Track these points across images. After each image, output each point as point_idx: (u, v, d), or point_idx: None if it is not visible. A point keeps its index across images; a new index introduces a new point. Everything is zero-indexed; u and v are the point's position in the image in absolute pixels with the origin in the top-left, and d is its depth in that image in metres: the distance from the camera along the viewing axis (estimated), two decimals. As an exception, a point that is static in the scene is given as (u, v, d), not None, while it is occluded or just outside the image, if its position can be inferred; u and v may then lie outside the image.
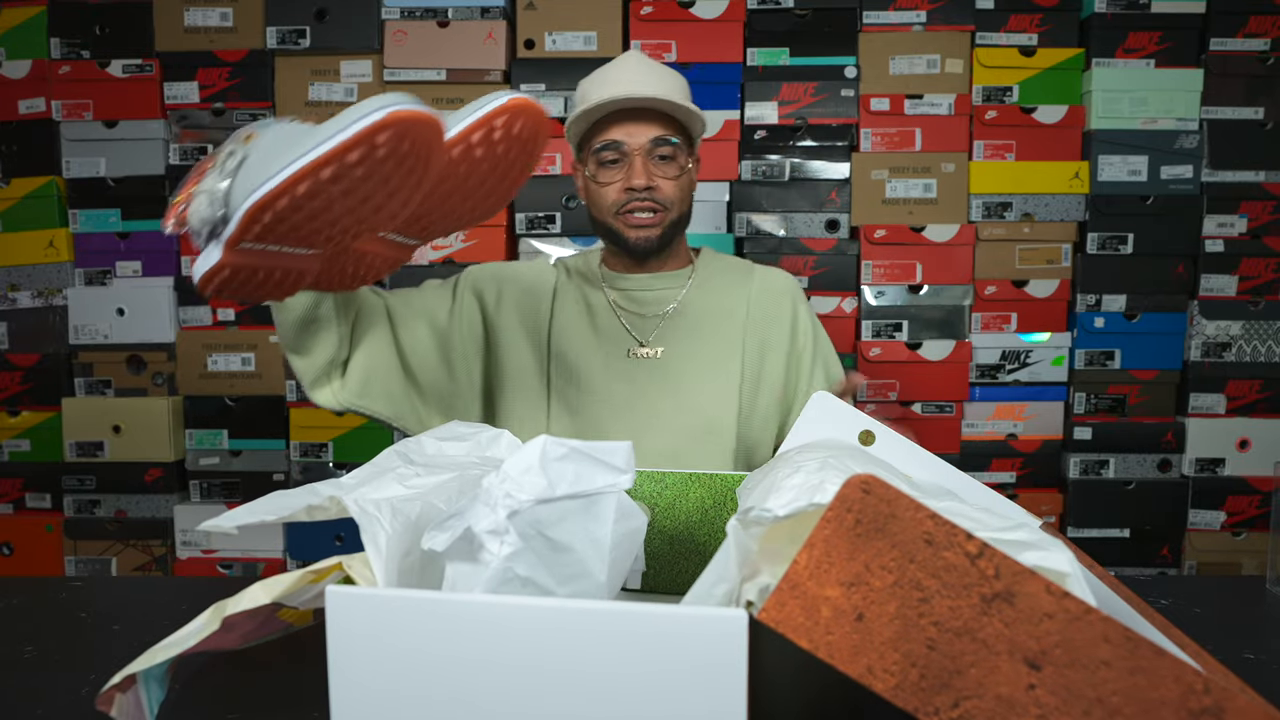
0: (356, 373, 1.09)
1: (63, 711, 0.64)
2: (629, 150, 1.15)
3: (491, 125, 0.73)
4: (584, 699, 0.50)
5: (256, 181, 0.68)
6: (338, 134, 0.64)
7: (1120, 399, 2.03)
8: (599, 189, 1.18)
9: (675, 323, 1.23)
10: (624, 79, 1.15)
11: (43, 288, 2.07)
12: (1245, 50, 1.98)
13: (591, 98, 1.16)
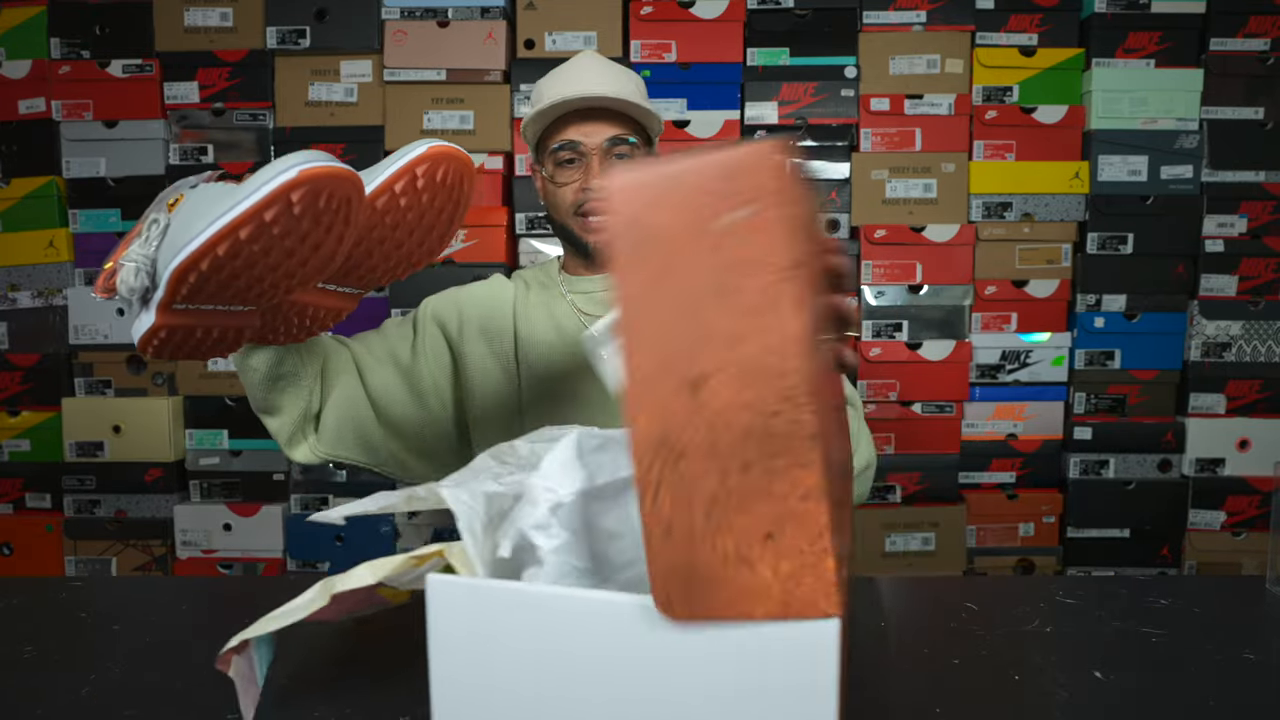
0: (330, 425, 1.08)
1: (63, 711, 0.64)
2: (586, 150, 1.13)
3: (413, 174, 0.74)
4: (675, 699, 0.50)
5: (179, 245, 0.70)
6: (252, 194, 0.66)
7: (1120, 399, 2.03)
8: (556, 189, 1.17)
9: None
10: (580, 78, 1.14)
11: (43, 288, 2.07)
12: (1245, 50, 1.98)
13: (546, 97, 1.14)
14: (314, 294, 0.82)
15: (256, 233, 0.67)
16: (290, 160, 0.67)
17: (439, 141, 0.74)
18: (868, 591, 0.91)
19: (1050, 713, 0.64)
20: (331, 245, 0.74)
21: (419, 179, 0.74)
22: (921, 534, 2.04)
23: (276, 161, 0.68)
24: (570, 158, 1.14)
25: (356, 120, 2.02)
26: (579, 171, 1.14)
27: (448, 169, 0.75)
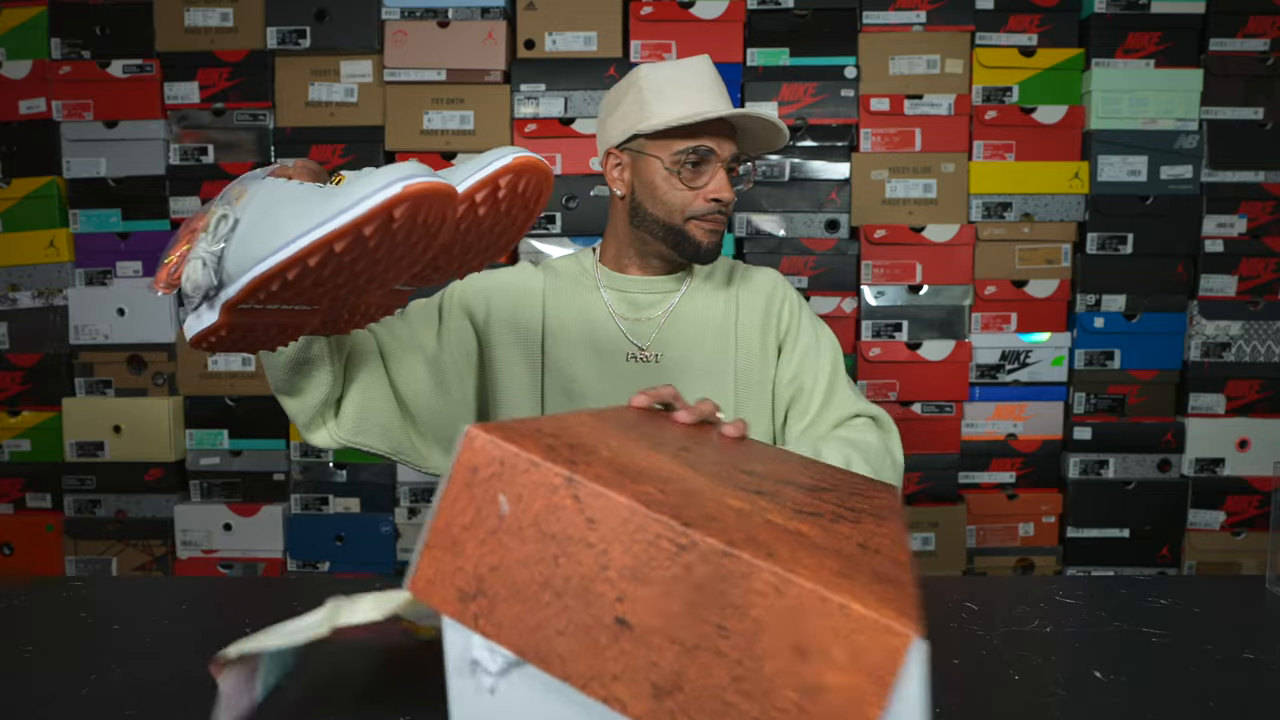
0: (351, 411, 1.08)
1: (63, 711, 0.64)
2: (716, 159, 1.15)
3: (496, 184, 0.72)
4: None
5: (260, 249, 0.67)
6: (353, 207, 0.64)
7: (1120, 399, 2.03)
8: (674, 190, 1.16)
9: (672, 326, 1.23)
10: (712, 88, 1.17)
11: (43, 288, 2.08)
12: (1245, 50, 1.98)
13: (676, 100, 1.15)
14: (378, 294, 0.82)
15: (352, 246, 0.65)
16: (393, 174, 0.64)
17: (524, 151, 0.72)
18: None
19: (1050, 713, 0.64)
20: (417, 255, 0.73)
21: (501, 189, 0.72)
22: (921, 534, 2.04)
23: (376, 173, 0.65)
24: (697, 162, 1.15)
25: (356, 120, 2.02)
26: (702, 178, 1.16)
27: (529, 180, 0.74)
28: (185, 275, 0.71)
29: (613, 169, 1.21)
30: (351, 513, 2.07)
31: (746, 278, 1.29)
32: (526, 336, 1.21)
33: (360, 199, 0.63)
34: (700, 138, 1.15)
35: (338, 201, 0.65)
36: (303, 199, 0.68)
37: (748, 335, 1.24)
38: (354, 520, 2.06)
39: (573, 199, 2.00)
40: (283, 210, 0.68)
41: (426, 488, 2.04)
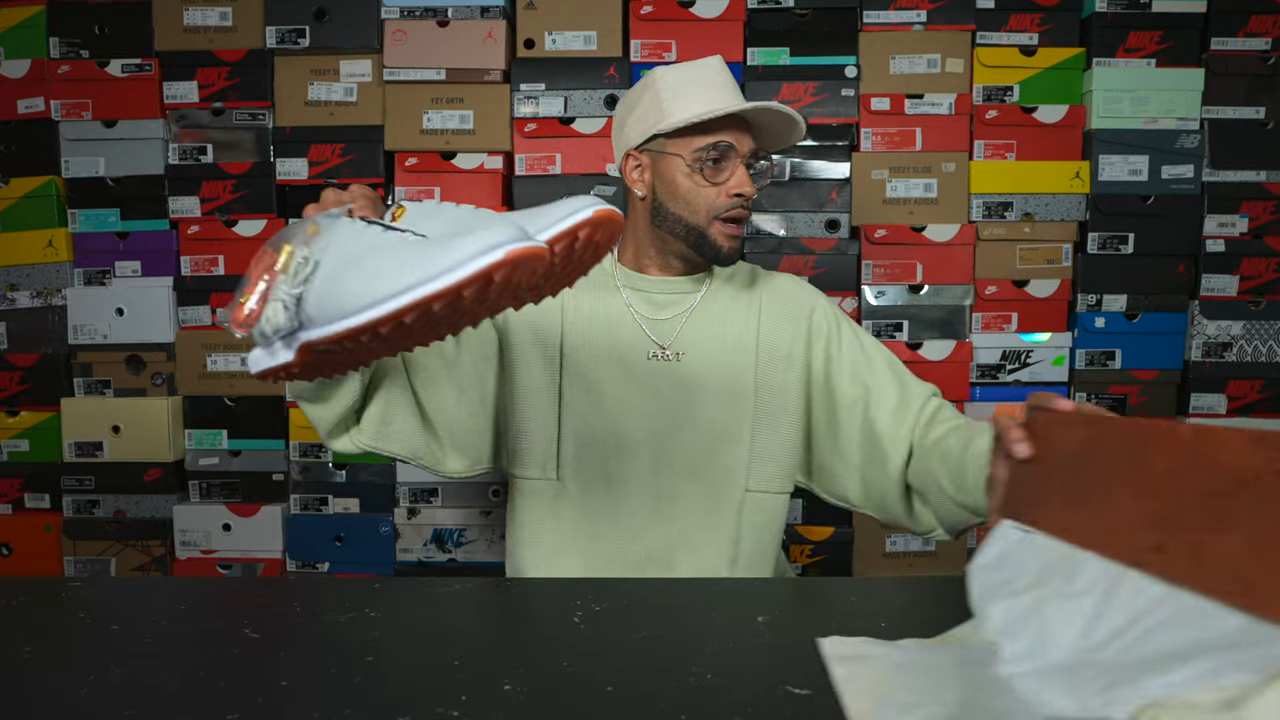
0: (373, 417, 1.09)
1: (63, 711, 0.64)
2: (736, 155, 1.16)
3: (575, 236, 0.72)
4: None
5: (352, 300, 0.66)
6: (455, 270, 0.63)
7: (1121, 399, 2.03)
8: (698, 189, 1.16)
9: (694, 325, 1.22)
10: (728, 86, 1.18)
11: (42, 287, 2.07)
12: (1246, 50, 1.98)
13: (695, 98, 1.15)
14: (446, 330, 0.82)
15: (449, 304, 0.65)
16: (496, 236, 0.64)
17: (602, 204, 0.73)
18: (868, 591, 0.91)
19: (1053, 713, 0.63)
20: (498, 306, 0.75)
21: (578, 240, 0.73)
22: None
23: (480, 234, 0.64)
24: (718, 158, 1.15)
25: (356, 120, 2.01)
26: (723, 175, 1.16)
27: (605, 231, 0.75)
28: (266, 317, 0.70)
29: (632, 170, 1.21)
30: (351, 513, 2.07)
31: (769, 282, 1.28)
32: (545, 337, 1.21)
33: (462, 262, 0.63)
34: (719, 134, 1.15)
35: (437, 260, 0.64)
36: (395, 252, 0.67)
37: (769, 338, 1.23)
38: (354, 520, 2.06)
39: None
40: (374, 261, 0.67)
41: (426, 488, 2.04)
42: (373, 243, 0.69)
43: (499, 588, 0.93)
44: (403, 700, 0.65)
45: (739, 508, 1.22)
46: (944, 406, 1.23)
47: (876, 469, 1.20)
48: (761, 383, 1.22)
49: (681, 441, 1.20)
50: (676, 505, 1.21)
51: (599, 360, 1.21)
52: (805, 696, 0.66)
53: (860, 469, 1.22)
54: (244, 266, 2.03)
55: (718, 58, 1.22)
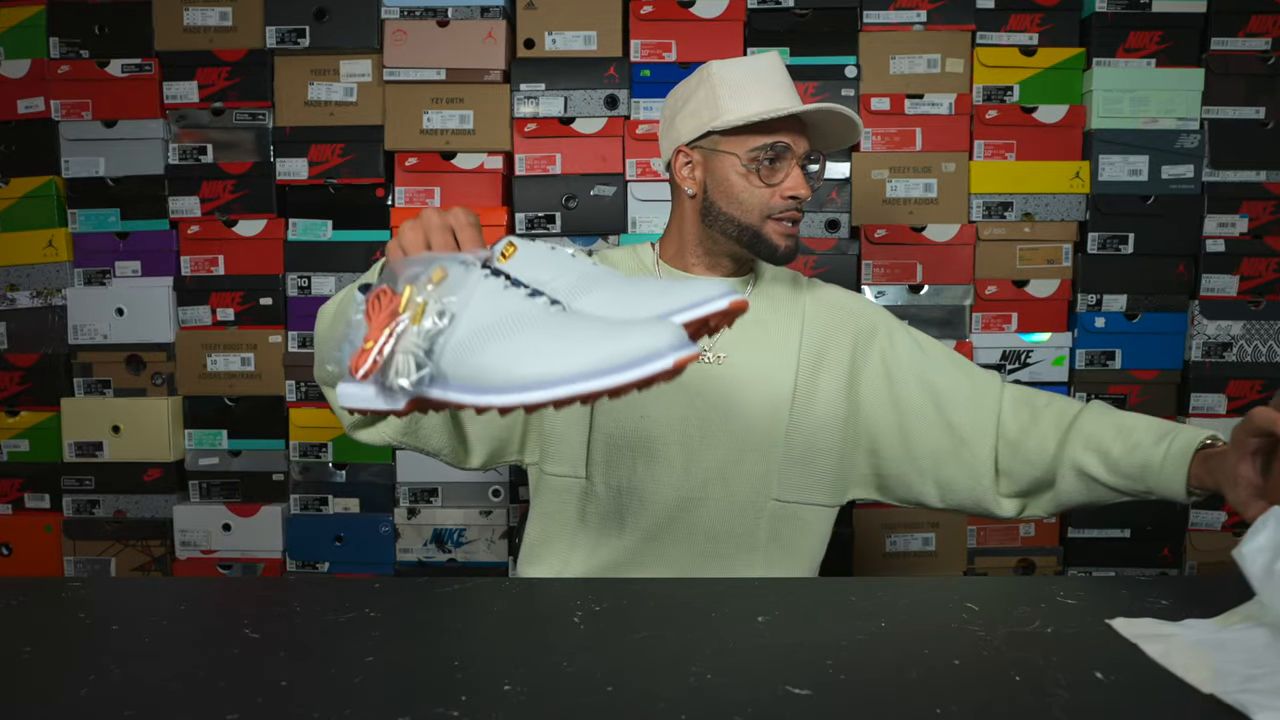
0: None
1: (63, 711, 0.64)
2: (792, 155, 1.15)
3: (706, 323, 0.71)
4: None
5: (499, 374, 0.64)
6: (621, 371, 0.60)
7: (1121, 399, 2.03)
8: (752, 189, 1.15)
9: (738, 328, 1.19)
10: (785, 85, 1.17)
11: (42, 287, 2.07)
12: (1246, 50, 1.98)
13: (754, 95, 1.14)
14: None
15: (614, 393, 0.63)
16: (661, 340, 0.61)
17: (736, 294, 0.72)
18: (868, 591, 0.91)
19: (1050, 713, 0.63)
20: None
21: (709, 325, 0.72)
22: (922, 534, 2.04)
23: (643, 334, 0.61)
24: (774, 158, 1.14)
25: (356, 120, 2.02)
26: (778, 175, 1.15)
27: (729, 321, 0.74)
28: (396, 368, 0.66)
29: (682, 167, 1.19)
30: (351, 513, 2.07)
31: (813, 289, 1.27)
32: None
33: (629, 364, 0.60)
34: (777, 134, 1.14)
35: (598, 352, 0.61)
36: (545, 329, 0.64)
37: (812, 346, 1.21)
38: (354, 520, 2.06)
39: (573, 199, 2.00)
40: (525, 337, 0.64)
41: (426, 488, 2.04)
42: (518, 311, 0.66)
43: (499, 588, 0.93)
44: (403, 700, 0.65)
45: (765, 516, 1.20)
46: (1023, 390, 1.21)
47: (959, 466, 1.19)
48: (801, 390, 1.19)
49: (712, 446, 1.18)
50: (702, 510, 1.18)
51: None
52: (805, 696, 0.66)
53: (936, 470, 1.21)
54: (244, 266, 2.05)
55: (774, 54, 1.20)
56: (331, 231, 2.04)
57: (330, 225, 2.04)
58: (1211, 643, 0.75)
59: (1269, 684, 0.65)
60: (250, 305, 2.05)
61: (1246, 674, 0.68)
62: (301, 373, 2.04)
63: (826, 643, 0.76)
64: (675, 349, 0.60)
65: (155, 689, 0.68)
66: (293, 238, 2.04)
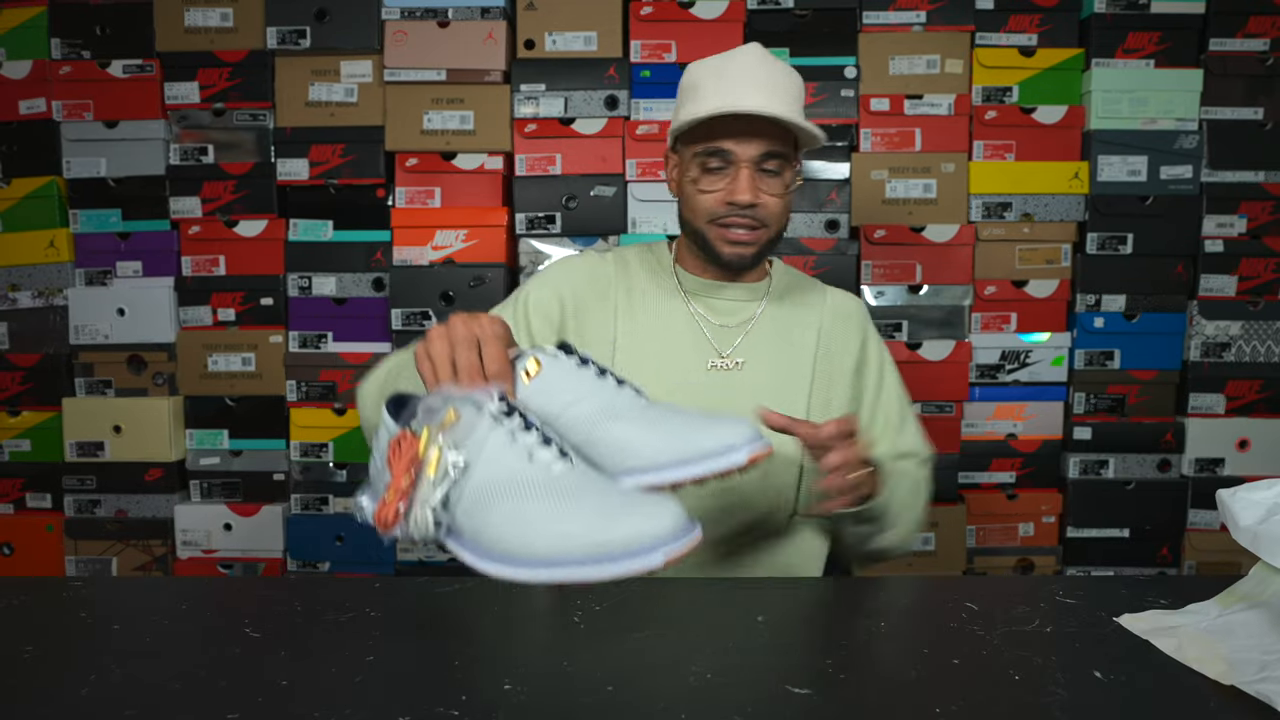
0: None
1: (63, 711, 0.64)
2: (736, 160, 1.09)
3: (729, 473, 0.69)
4: None
5: (503, 541, 0.62)
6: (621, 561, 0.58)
7: (1120, 399, 2.03)
8: (697, 193, 1.12)
9: (757, 334, 1.18)
10: (743, 83, 1.08)
11: (43, 288, 2.08)
12: (1245, 50, 1.98)
13: (705, 97, 1.08)
14: None
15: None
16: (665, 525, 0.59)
17: (760, 444, 0.69)
18: (868, 591, 0.91)
19: (1050, 713, 0.64)
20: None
21: (732, 473, 0.70)
22: (922, 534, 2.03)
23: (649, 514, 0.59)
24: (719, 165, 1.10)
25: (356, 120, 2.02)
26: (725, 180, 1.10)
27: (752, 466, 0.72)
28: (414, 522, 0.66)
29: (670, 169, 1.19)
30: (351, 512, 2.07)
31: (830, 298, 1.25)
32: (599, 336, 1.16)
33: (630, 554, 0.58)
34: (719, 138, 1.09)
35: (604, 536, 0.59)
36: (548, 502, 0.62)
37: (827, 356, 1.20)
38: (354, 520, 2.06)
39: (573, 199, 2.00)
40: (532, 507, 0.62)
41: (426, 488, 2.03)
42: (523, 472, 0.65)
43: (499, 588, 0.93)
44: (403, 700, 0.65)
45: (786, 532, 1.18)
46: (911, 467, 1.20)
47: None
48: (815, 400, 1.18)
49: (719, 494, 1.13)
50: (721, 526, 1.14)
51: (656, 367, 1.15)
52: (805, 696, 0.66)
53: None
54: (245, 267, 2.06)
55: (753, 46, 1.13)
56: (332, 232, 2.04)
57: (331, 225, 2.04)
58: (1220, 629, 0.76)
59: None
60: (251, 305, 2.05)
61: (1261, 661, 0.69)
62: (302, 373, 2.04)
63: (826, 643, 0.76)
64: (670, 540, 0.58)
65: (156, 688, 0.68)
66: (293, 238, 2.05)
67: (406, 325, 2.00)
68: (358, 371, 2.04)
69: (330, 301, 2.05)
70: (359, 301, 2.04)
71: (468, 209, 2.01)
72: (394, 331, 2.01)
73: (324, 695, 0.66)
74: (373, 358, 2.03)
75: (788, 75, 1.12)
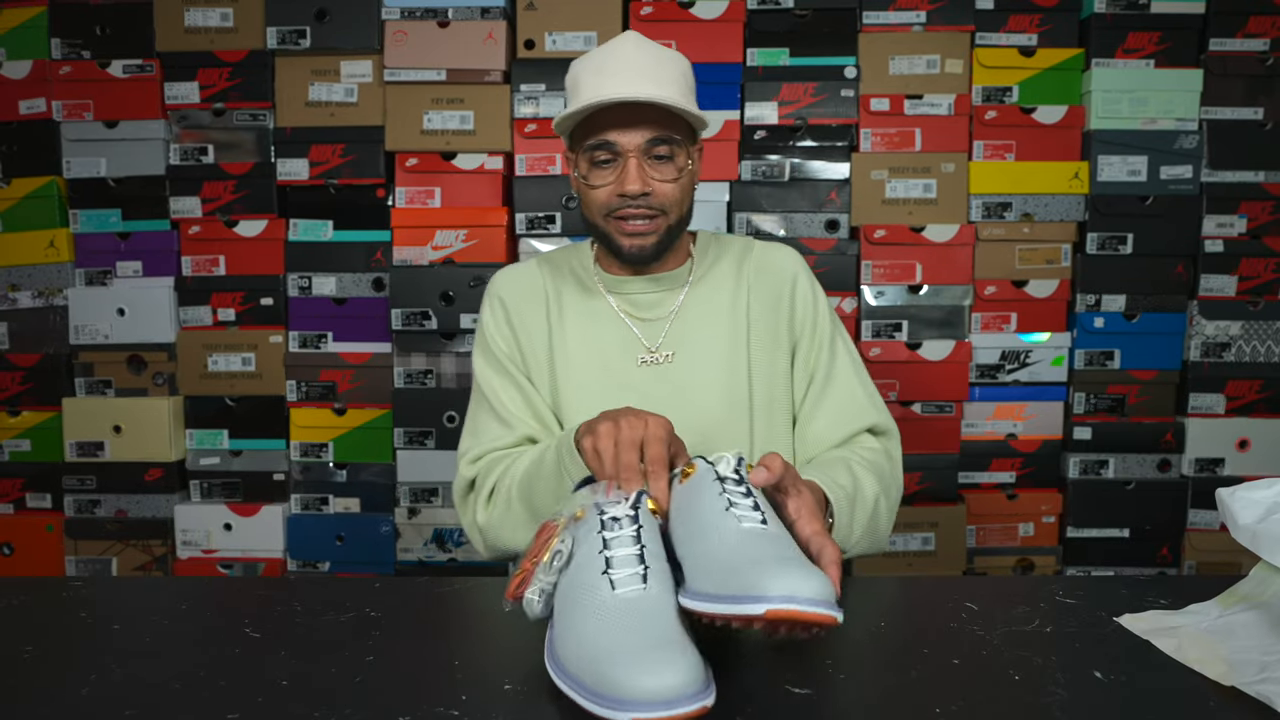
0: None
1: (63, 711, 0.64)
2: (623, 150, 1.06)
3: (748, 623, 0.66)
4: None
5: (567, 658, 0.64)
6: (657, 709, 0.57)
7: (1120, 399, 2.03)
8: (589, 190, 1.10)
9: (682, 323, 1.16)
10: (620, 72, 1.05)
11: (43, 288, 2.08)
12: (1244, 50, 1.98)
13: (584, 91, 1.06)
14: None
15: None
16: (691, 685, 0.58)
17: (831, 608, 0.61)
18: (868, 591, 0.91)
19: (1050, 713, 0.64)
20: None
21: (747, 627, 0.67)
22: (921, 534, 2.04)
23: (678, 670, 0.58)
24: (607, 158, 1.07)
25: (356, 120, 2.02)
26: (615, 172, 1.07)
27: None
28: (526, 601, 0.72)
29: (570, 169, 1.17)
30: (351, 513, 2.07)
31: (762, 259, 1.20)
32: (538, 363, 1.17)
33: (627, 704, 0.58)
34: (601, 131, 1.06)
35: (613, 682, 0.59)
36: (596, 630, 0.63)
37: (760, 323, 1.17)
38: (354, 520, 2.07)
39: (572, 199, 2.01)
40: (591, 628, 0.64)
41: (427, 488, 2.04)
42: (589, 588, 0.67)
43: (499, 588, 0.93)
44: (403, 700, 0.65)
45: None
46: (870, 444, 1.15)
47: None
48: (755, 372, 1.16)
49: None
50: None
51: (590, 370, 1.15)
52: (805, 696, 0.66)
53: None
54: (245, 267, 2.05)
55: (630, 34, 1.11)
56: (332, 232, 2.04)
57: (331, 225, 2.04)
58: (1220, 630, 0.76)
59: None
60: (251, 305, 2.05)
61: (1261, 662, 0.69)
62: (302, 373, 2.05)
63: (826, 643, 0.76)
64: (685, 702, 0.57)
65: (156, 688, 0.68)
66: (293, 238, 2.05)
67: (406, 325, 2.00)
68: (357, 371, 2.04)
69: (330, 301, 2.05)
70: (359, 301, 2.04)
71: (468, 209, 2.01)
72: (394, 331, 2.01)
73: (324, 695, 0.66)
74: (372, 358, 2.04)
75: (671, 59, 1.10)
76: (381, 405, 2.04)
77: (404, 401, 2.02)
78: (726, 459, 0.78)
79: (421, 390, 2.02)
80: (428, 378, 2.02)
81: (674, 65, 1.10)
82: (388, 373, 2.03)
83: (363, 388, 2.05)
